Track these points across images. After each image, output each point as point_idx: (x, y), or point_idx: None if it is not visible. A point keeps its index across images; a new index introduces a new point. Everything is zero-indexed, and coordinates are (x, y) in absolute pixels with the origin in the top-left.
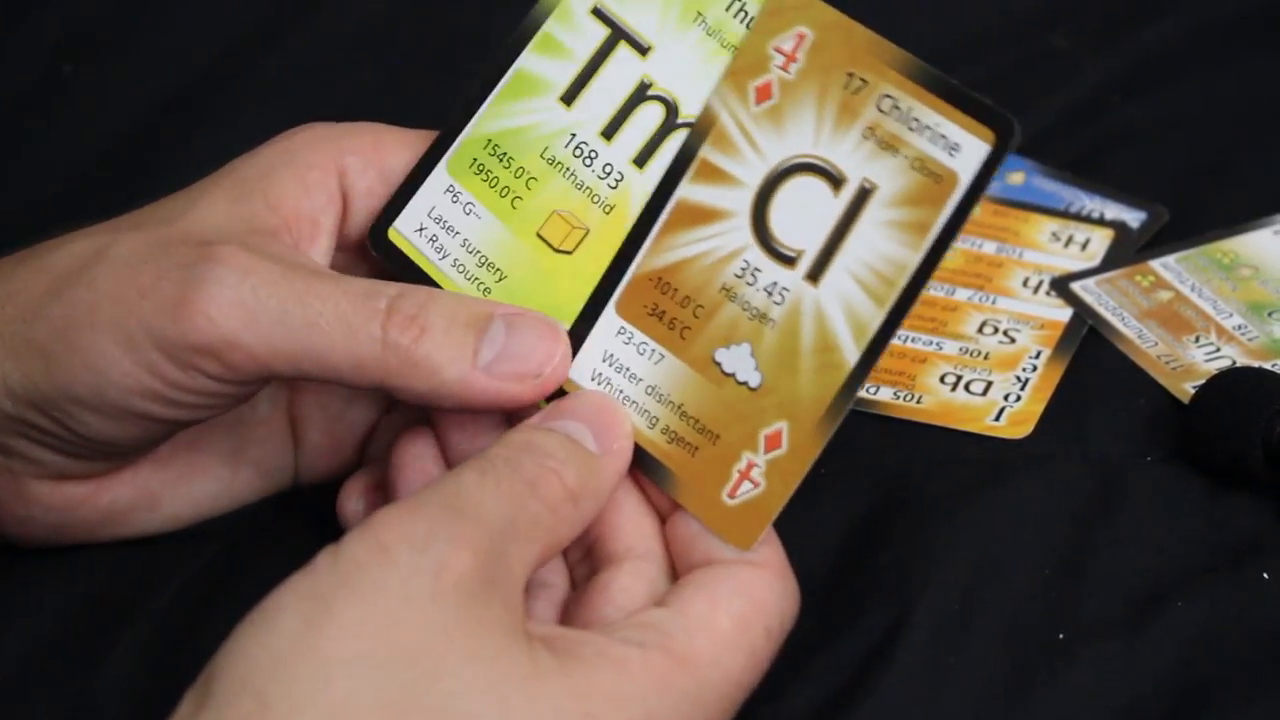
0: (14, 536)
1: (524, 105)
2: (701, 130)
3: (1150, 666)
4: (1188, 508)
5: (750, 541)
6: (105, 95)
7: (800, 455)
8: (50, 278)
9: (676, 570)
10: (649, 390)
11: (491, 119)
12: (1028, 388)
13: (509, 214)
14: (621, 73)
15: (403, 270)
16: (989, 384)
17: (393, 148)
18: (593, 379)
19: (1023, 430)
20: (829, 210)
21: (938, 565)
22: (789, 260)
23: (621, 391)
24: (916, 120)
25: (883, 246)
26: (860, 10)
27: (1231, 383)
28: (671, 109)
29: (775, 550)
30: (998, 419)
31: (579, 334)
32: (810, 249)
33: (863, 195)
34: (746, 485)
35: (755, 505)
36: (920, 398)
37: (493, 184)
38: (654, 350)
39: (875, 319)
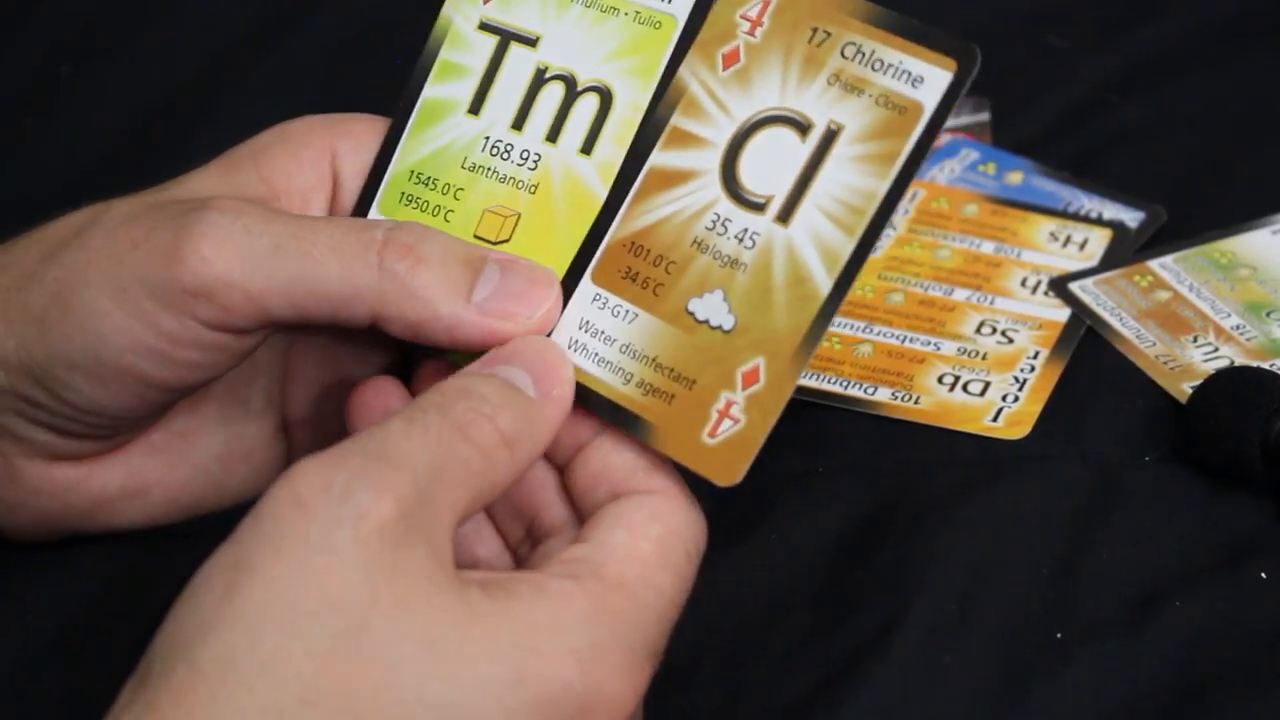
0: (4, 526)
1: (436, 129)
2: (672, 101)
3: (1148, 666)
4: (1186, 508)
5: (735, 477)
6: (104, 95)
7: (778, 387)
8: (45, 245)
9: (583, 512)
10: (623, 349)
11: (410, 152)
12: (1026, 388)
13: (444, 229)
14: (518, 69)
15: None
16: (987, 384)
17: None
18: (570, 346)
19: (1021, 431)
20: (797, 155)
21: (935, 565)
22: (758, 207)
23: (597, 354)
24: (880, 61)
25: (851, 180)
26: None
27: (1229, 383)
28: (570, 82)
29: (677, 478)
30: (996, 419)
31: None
32: (779, 193)
33: (829, 136)
34: (726, 423)
35: (736, 441)
36: (918, 398)
37: (424, 208)
38: (627, 310)
39: (846, 248)
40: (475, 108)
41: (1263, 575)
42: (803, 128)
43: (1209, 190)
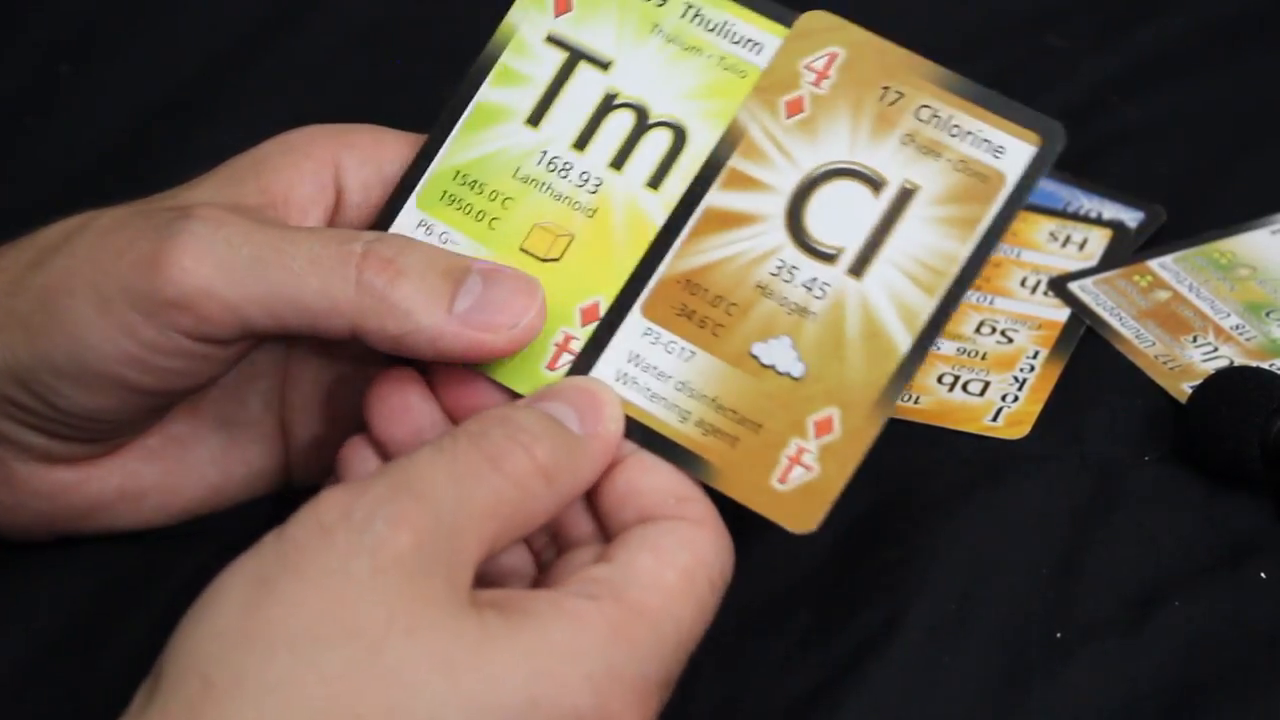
0: (2, 526)
1: (489, 134)
2: (730, 142)
3: (1147, 666)
4: (1185, 508)
5: (810, 525)
6: (104, 95)
7: (856, 439)
8: (35, 252)
9: (608, 530)
10: (679, 386)
11: (457, 151)
12: (1025, 388)
13: (487, 235)
14: (586, 89)
15: None
16: (986, 384)
17: (393, 147)
18: (618, 379)
19: (1020, 430)
20: (870, 210)
21: (935, 565)
22: (828, 257)
23: (649, 389)
24: (957, 127)
25: (930, 241)
26: (857, 10)
27: (1229, 383)
28: (641, 112)
29: (709, 508)
30: (995, 419)
31: (601, 339)
32: (851, 246)
33: (905, 195)
34: (798, 470)
35: (811, 489)
36: (918, 398)
37: (466, 211)
38: (684, 348)
39: (926, 307)
40: (535, 119)
41: (1263, 575)
42: (875, 183)
43: (1209, 190)
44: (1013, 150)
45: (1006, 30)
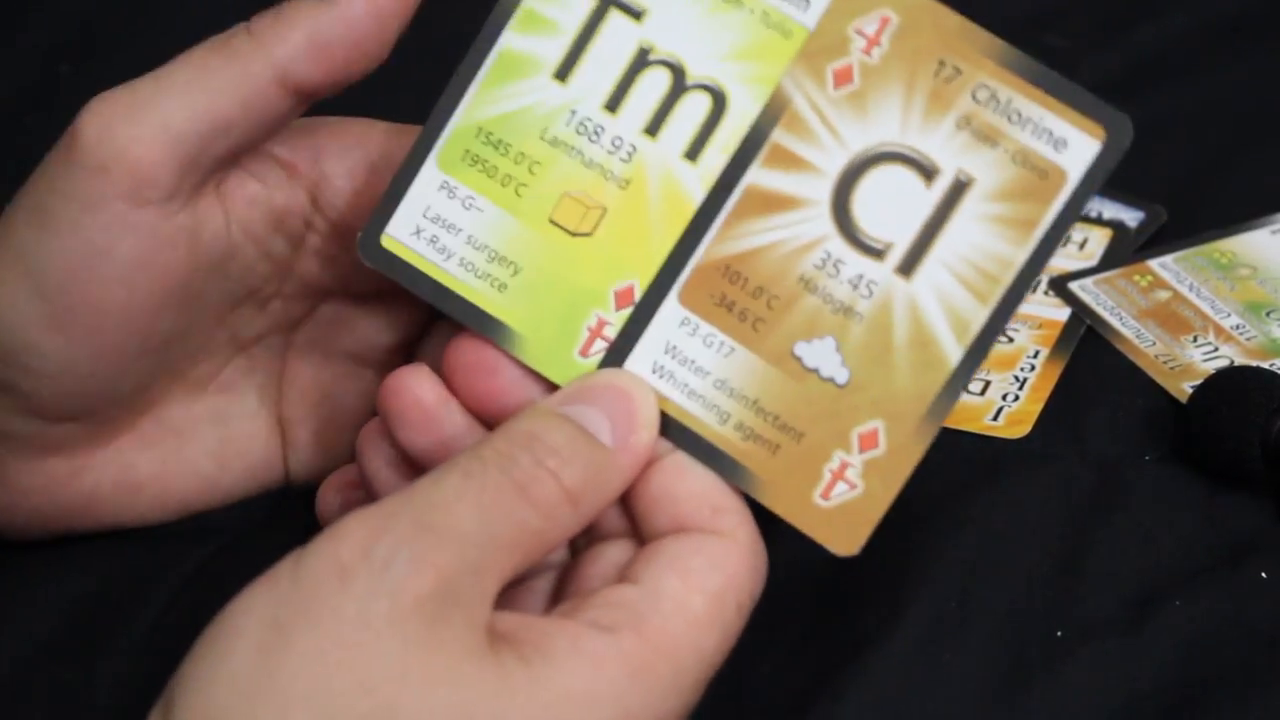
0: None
1: (514, 88)
2: (773, 112)
3: (1148, 665)
4: (1186, 507)
5: (853, 547)
6: None
7: (901, 456)
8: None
9: (641, 531)
10: (718, 384)
11: (480, 106)
12: (1026, 387)
13: (514, 203)
14: (617, 41)
15: (404, 276)
16: (987, 383)
17: (379, 138)
18: (653, 371)
19: (1021, 430)
20: (921, 202)
21: (935, 564)
22: (876, 253)
23: (687, 385)
24: (1017, 113)
25: (984, 242)
26: None
27: (1229, 382)
28: (678, 72)
29: (745, 521)
30: (996, 419)
31: (637, 326)
32: (900, 242)
33: (959, 188)
34: (841, 486)
35: (854, 508)
36: None
37: (491, 174)
38: (723, 342)
39: (978, 316)
40: (563, 74)
41: (1263, 575)
42: (927, 172)
43: (1209, 190)
44: (1075, 144)
45: (1006, 30)
